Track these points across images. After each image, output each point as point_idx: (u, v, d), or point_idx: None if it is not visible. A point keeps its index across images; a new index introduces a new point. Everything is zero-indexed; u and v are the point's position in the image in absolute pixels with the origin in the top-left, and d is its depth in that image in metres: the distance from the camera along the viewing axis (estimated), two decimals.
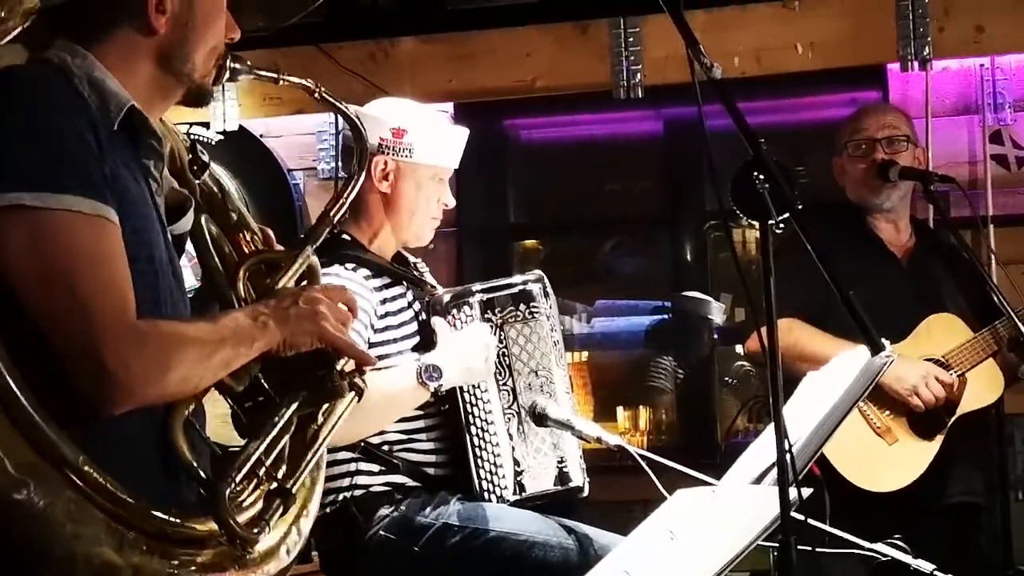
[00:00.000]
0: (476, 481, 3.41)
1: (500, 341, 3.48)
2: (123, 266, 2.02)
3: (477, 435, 3.43)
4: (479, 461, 3.42)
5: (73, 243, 1.96)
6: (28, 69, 2.13)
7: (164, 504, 2.02)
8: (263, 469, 2.14)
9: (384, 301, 3.45)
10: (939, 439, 4.18)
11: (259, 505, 2.13)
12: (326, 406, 2.27)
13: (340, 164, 3.65)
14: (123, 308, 1.99)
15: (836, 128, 4.54)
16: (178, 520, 2.02)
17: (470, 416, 3.43)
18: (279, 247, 2.43)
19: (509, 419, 3.47)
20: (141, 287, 2.07)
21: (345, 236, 3.51)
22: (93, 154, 2.04)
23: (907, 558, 2.99)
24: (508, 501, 3.41)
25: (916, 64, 4.99)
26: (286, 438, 2.19)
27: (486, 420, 3.44)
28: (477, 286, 3.53)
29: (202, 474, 2.09)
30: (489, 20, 5.34)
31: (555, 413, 3.45)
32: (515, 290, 3.54)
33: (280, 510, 2.14)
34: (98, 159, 2.04)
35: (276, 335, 2.17)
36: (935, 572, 2.95)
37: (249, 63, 2.40)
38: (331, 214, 2.45)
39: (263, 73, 2.44)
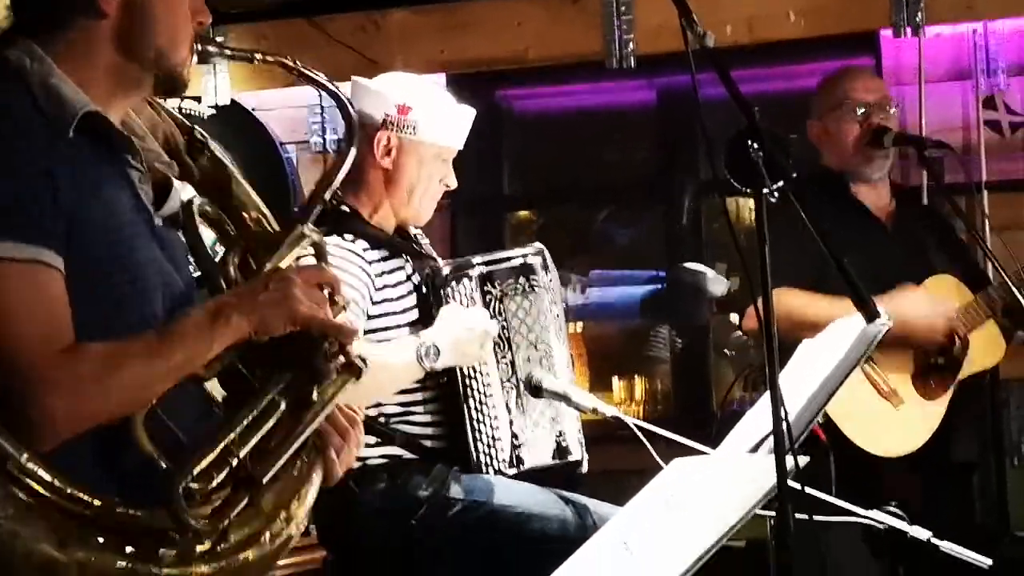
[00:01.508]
0: (474, 454, 3.41)
1: (500, 314, 3.48)
2: (53, 306, 2.03)
3: (475, 408, 3.43)
4: (477, 434, 3.42)
5: (2, 290, 2.00)
6: None
7: (129, 498, 2.02)
8: (235, 458, 2.10)
9: (383, 274, 3.44)
10: (944, 400, 4.18)
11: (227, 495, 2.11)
12: (317, 389, 2.22)
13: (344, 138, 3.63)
14: (46, 351, 2.01)
15: (818, 90, 4.47)
16: (133, 512, 2.01)
17: (468, 389, 3.43)
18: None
19: (508, 392, 3.47)
20: (114, 294, 2.09)
21: (345, 208, 3.50)
22: (38, 186, 2.03)
23: (904, 525, 2.99)
24: (506, 474, 3.42)
25: (909, 30, 4.97)
26: (268, 424, 2.16)
27: (484, 393, 3.44)
28: (477, 259, 3.52)
29: (162, 464, 2.06)
30: None
31: (551, 384, 3.46)
32: (515, 263, 3.53)
33: (244, 501, 2.10)
34: (45, 189, 2.04)
35: (242, 325, 2.13)
36: (931, 539, 2.96)
37: (221, 43, 2.36)
38: (322, 191, 2.41)
39: (237, 53, 2.41)
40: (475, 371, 3.44)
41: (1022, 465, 5.00)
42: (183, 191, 2.31)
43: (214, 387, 2.24)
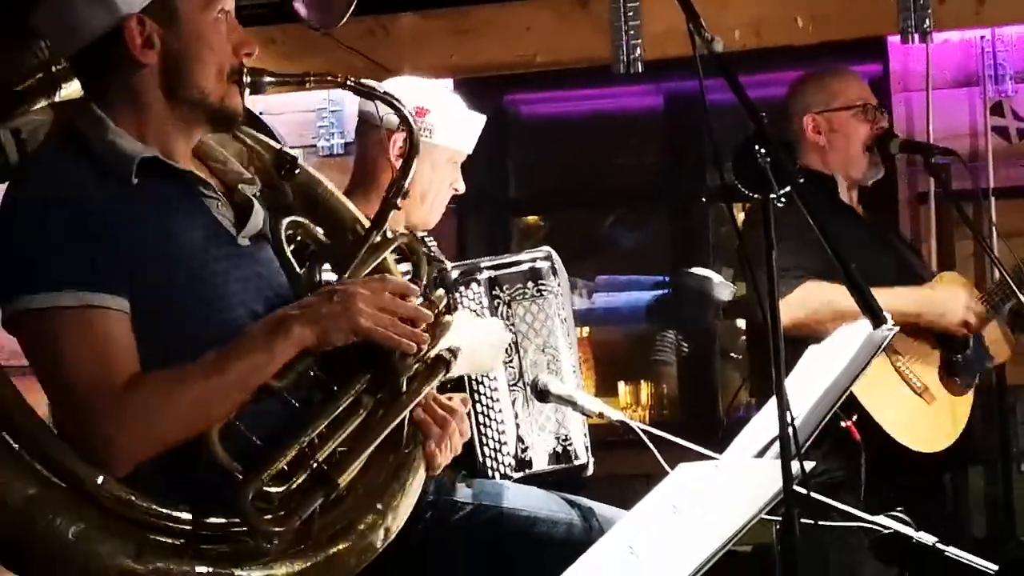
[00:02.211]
0: (480, 458, 3.41)
1: (508, 318, 3.48)
2: (108, 345, 2.17)
3: (482, 412, 3.43)
4: (483, 438, 3.42)
5: (59, 336, 2.16)
6: (28, 181, 2.26)
7: (208, 508, 2.13)
8: (314, 461, 2.18)
9: None
10: (970, 397, 4.18)
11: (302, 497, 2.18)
12: (405, 383, 2.28)
13: (356, 139, 3.65)
14: (99, 387, 2.14)
15: (809, 84, 4.37)
16: (208, 521, 2.12)
17: (475, 393, 3.43)
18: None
19: (515, 397, 3.46)
20: (192, 321, 2.23)
21: None
22: (89, 237, 2.17)
23: (910, 530, 2.99)
24: (512, 478, 3.42)
25: (916, 36, 4.98)
26: (352, 424, 2.23)
27: (491, 397, 3.44)
28: (485, 262, 3.52)
29: (238, 473, 2.14)
30: None
31: (557, 389, 3.45)
32: (524, 267, 3.53)
33: (319, 500, 2.17)
34: (98, 238, 2.18)
35: (306, 336, 2.22)
36: (937, 544, 2.96)
37: (272, 72, 2.42)
38: (393, 198, 2.47)
39: (288, 79, 2.46)
40: (482, 375, 3.44)
41: None
42: (260, 207, 2.40)
43: None
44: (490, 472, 3.41)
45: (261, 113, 5.60)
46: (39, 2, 2.32)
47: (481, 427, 3.42)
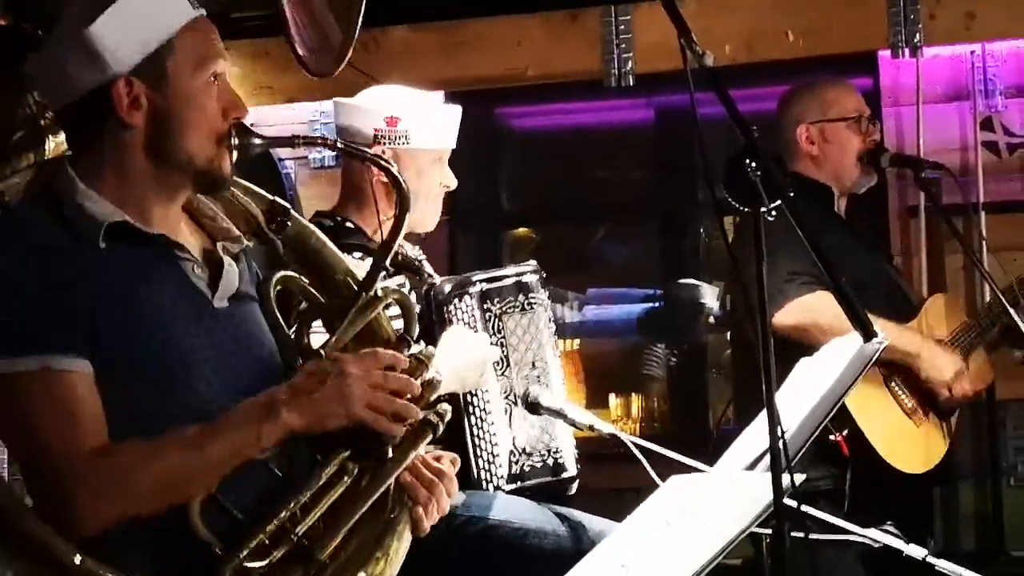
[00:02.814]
0: (474, 470, 3.41)
1: (499, 331, 3.48)
2: (71, 407, 2.15)
3: (476, 424, 3.43)
4: (477, 450, 3.42)
5: (22, 400, 2.14)
6: None
7: None
8: (294, 535, 2.16)
9: None
10: (954, 419, 4.19)
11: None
12: (392, 448, 2.26)
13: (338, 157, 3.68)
14: (65, 449, 2.13)
15: (803, 94, 4.37)
16: None
17: (469, 406, 3.43)
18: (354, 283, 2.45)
19: (507, 409, 3.47)
20: (152, 386, 2.20)
21: (349, 224, 3.51)
22: (51, 299, 2.16)
23: (900, 544, 3.00)
24: (504, 490, 3.42)
25: (907, 51, 4.99)
26: (334, 494, 2.21)
27: (484, 410, 3.44)
28: (477, 275, 3.53)
29: (218, 549, 2.12)
30: (480, 8, 5.34)
31: (548, 401, 3.46)
32: (514, 281, 3.54)
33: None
34: (59, 300, 2.16)
35: (296, 422, 2.18)
36: (927, 557, 2.96)
37: (261, 135, 2.41)
38: (383, 258, 2.43)
39: (278, 142, 2.47)
40: (476, 390, 3.44)
41: (1018, 485, 5.00)
42: (234, 267, 2.37)
43: None
44: (483, 484, 3.41)
45: (253, 125, 5.59)
46: (34, 51, 2.32)
47: (475, 439, 3.43)
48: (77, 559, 2.05)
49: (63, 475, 2.12)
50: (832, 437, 3.65)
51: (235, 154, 2.36)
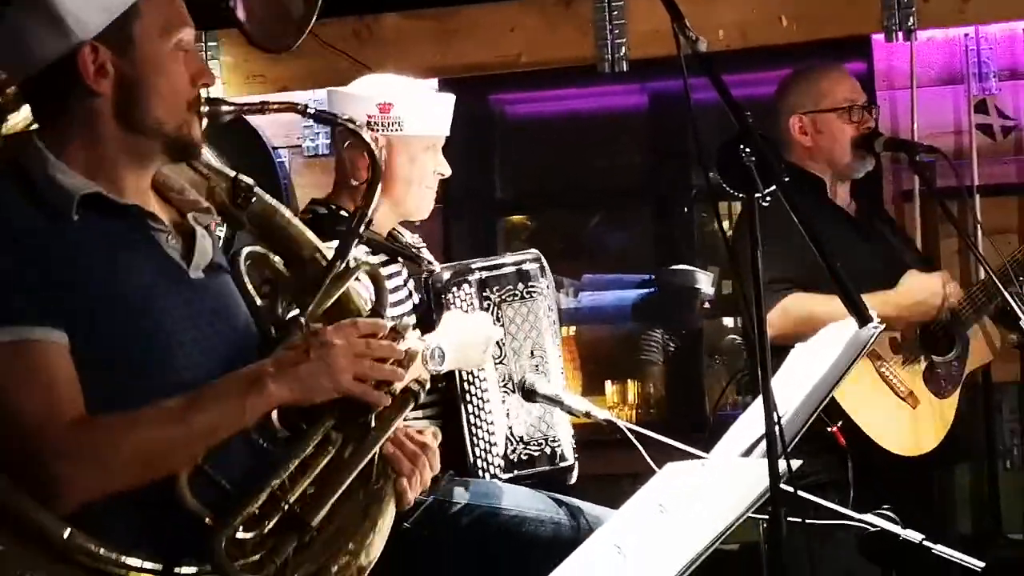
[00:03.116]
0: (470, 458, 3.41)
1: (498, 320, 3.49)
2: (50, 378, 2.12)
3: (473, 412, 3.43)
4: (474, 439, 3.43)
5: (1, 372, 2.11)
6: None
7: (180, 556, 2.10)
8: (285, 503, 2.15)
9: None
10: (955, 396, 4.18)
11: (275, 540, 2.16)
12: (374, 418, 2.25)
13: (332, 141, 3.66)
14: (46, 422, 2.10)
15: (796, 84, 4.38)
16: (182, 571, 2.09)
17: (467, 394, 3.44)
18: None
19: (504, 397, 3.47)
20: (131, 357, 2.17)
21: (343, 212, 3.51)
22: (27, 270, 2.13)
23: (896, 528, 3.00)
24: (501, 478, 3.42)
25: (901, 34, 4.99)
26: (321, 462, 2.20)
27: (482, 398, 3.44)
28: (476, 264, 3.53)
29: (208, 519, 2.11)
30: None
31: (544, 389, 3.46)
32: (514, 269, 3.54)
33: (293, 544, 2.15)
34: (35, 272, 2.13)
35: (283, 396, 2.18)
36: (924, 541, 2.97)
37: (230, 102, 2.40)
38: (356, 228, 2.42)
39: (248, 107, 2.45)
40: (473, 376, 3.44)
41: (1014, 468, 5.01)
42: (207, 237, 2.35)
43: None
44: (480, 472, 3.42)
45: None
46: None
47: (472, 427, 3.43)
48: (66, 533, 2.03)
49: (42, 448, 2.08)
50: (828, 429, 3.65)
51: (204, 121, 2.34)
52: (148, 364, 2.19)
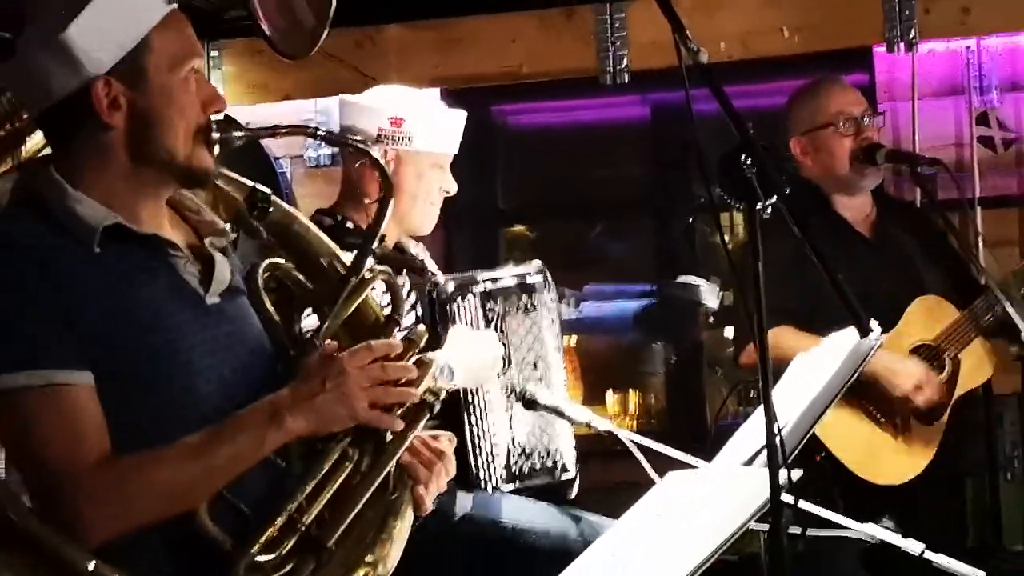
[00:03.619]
0: (473, 469, 3.41)
1: (501, 331, 3.48)
2: (75, 422, 2.14)
3: (476, 424, 3.43)
4: (476, 450, 3.42)
5: (26, 416, 2.14)
6: None
7: None
8: (302, 525, 2.17)
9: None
10: (942, 422, 4.16)
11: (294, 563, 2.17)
12: (387, 443, 2.27)
13: (341, 153, 3.67)
14: (70, 464, 2.13)
15: (794, 103, 4.41)
16: None
17: (470, 406, 3.43)
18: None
19: (507, 409, 3.47)
20: (154, 390, 2.19)
21: (349, 224, 3.51)
22: (49, 310, 2.14)
23: (897, 539, 3.00)
24: (502, 490, 3.42)
25: (902, 46, 4.99)
26: (337, 481, 2.21)
27: (485, 410, 3.43)
28: (480, 275, 3.52)
29: (228, 545, 2.13)
30: (475, 6, 5.34)
31: (544, 399, 3.46)
32: (518, 281, 3.54)
33: (312, 566, 2.17)
34: (57, 311, 2.15)
35: (300, 427, 2.20)
36: (924, 552, 2.96)
37: (242, 126, 2.41)
38: (368, 244, 2.44)
39: (260, 132, 2.46)
40: (476, 388, 3.44)
41: (1015, 479, 5.00)
42: (226, 262, 2.37)
43: None
44: (482, 483, 3.41)
45: (248, 124, 5.58)
46: (5, 56, 2.29)
47: (474, 439, 3.42)
48: (91, 565, 2.05)
49: (68, 490, 2.11)
50: (816, 458, 3.66)
51: (217, 147, 2.35)
52: (172, 394, 2.21)
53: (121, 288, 2.22)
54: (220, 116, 2.36)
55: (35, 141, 2.38)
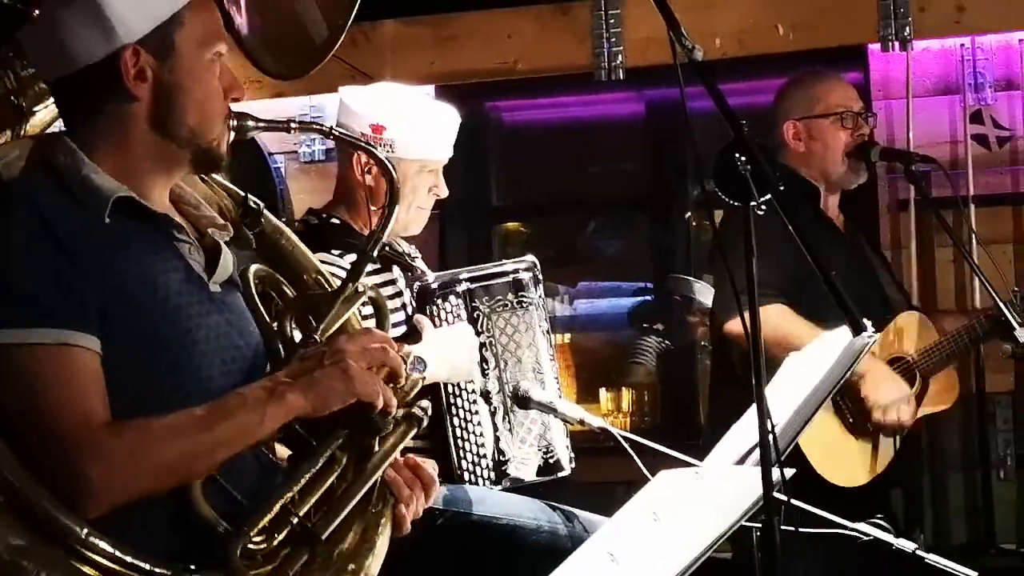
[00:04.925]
0: (457, 470, 3.39)
1: (488, 330, 3.46)
2: (85, 383, 2.12)
3: (459, 424, 3.41)
4: (461, 451, 3.40)
5: (35, 373, 2.10)
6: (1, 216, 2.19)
7: (193, 563, 2.10)
8: (295, 516, 2.16)
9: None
10: (897, 440, 4.13)
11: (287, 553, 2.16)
12: (378, 441, 2.26)
13: (337, 154, 3.65)
14: (81, 425, 2.10)
15: (792, 90, 4.37)
16: None
17: (452, 406, 3.41)
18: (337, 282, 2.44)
19: (494, 407, 3.45)
20: (162, 364, 2.18)
21: (335, 221, 3.50)
22: (64, 274, 2.13)
23: (890, 537, 3.00)
24: (492, 489, 3.41)
25: (897, 44, 5.00)
26: (328, 480, 2.21)
27: (469, 409, 3.42)
28: (465, 273, 3.50)
29: (222, 528, 2.13)
30: (470, 2, 5.34)
31: (538, 396, 3.45)
32: (505, 279, 3.51)
33: (304, 557, 2.16)
34: (72, 275, 2.13)
35: (299, 403, 2.18)
36: (917, 551, 2.97)
37: (257, 117, 2.40)
38: (370, 251, 2.45)
39: (273, 125, 2.46)
40: (459, 387, 3.42)
41: (1008, 478, 5.01)
42: (230, 253, 2.37)
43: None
44: (468, 483, 3.40)
45: None
46: (26, 21, 2.28)
47: (458, 439, 3.41)
48: (84, 531, 2.04)
49: (75, 451, 2.08)
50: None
51: (231, 135, 2.35)
52: (176, 371, 2.20)
53: (132, 261, 2.21)
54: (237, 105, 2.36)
55: (35, 121, 2.36)
